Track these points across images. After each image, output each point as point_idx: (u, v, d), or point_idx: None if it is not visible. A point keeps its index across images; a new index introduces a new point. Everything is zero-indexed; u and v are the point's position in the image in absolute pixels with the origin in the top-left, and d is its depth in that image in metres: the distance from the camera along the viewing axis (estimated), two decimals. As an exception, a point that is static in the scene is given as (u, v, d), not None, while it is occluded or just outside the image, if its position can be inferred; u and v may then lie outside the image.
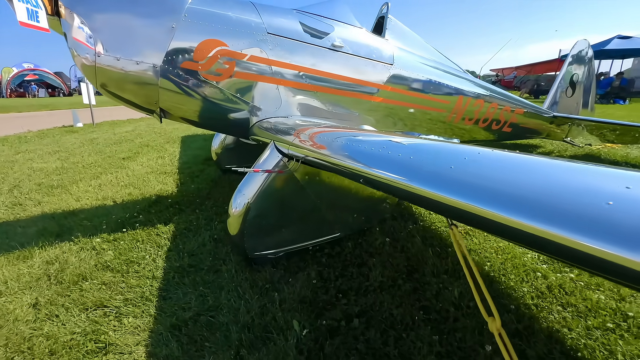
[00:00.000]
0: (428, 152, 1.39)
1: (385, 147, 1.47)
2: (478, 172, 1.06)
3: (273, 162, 2.31)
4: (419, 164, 1.26)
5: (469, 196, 1.00)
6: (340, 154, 1.57)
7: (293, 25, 3.02)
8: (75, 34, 2.44)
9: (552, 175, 0.94)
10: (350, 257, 2.52)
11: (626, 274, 0.64)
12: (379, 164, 1.38)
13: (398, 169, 1.29)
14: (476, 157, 1.17)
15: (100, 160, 5.81)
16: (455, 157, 1.21)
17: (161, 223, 3.15)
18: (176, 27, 2.58)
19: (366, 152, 1.54)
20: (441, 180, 1.12)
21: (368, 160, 1.45)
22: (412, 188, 1.16)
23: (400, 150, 1.43)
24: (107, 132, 9.26)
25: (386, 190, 1.40)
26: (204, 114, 2.95)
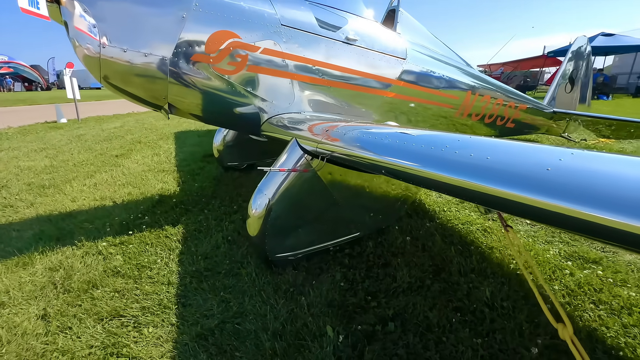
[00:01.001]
0: (474, 146, 1.33)
1: (434, 145, 1.39)
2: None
3: (296, 160, 2.21)
4: (465, 159, 1.21)
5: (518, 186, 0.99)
6: (383, 153, 1.48)
7: (307, 16, 2.90)
8: (77, 23, 2.25)
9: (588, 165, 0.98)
10: (373, 257, 2.45)
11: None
12: (430, 164, 1.30)
13: (447, 167, 1.23)
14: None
15: (91, 158, 5.55)
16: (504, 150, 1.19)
17: (169, 224, 3.00)
18: (187, 17, 2.42)
19: (410, 150, 1.46)
20: (490, 173, 1.09)
21: (417, 159, 1.36)
22: (464, 184, 1.13)
23: (439, 144, 1.37)
24: (95, 128, 8.89)
25: (436, 188, 1.34)
26: (214, 109, 2.81)
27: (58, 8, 2.31)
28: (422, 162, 1.31)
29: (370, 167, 1.65)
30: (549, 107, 5.42)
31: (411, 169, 1.33)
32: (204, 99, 2.71)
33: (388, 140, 1.54)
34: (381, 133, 1.67)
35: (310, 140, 2.07)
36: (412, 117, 3.72)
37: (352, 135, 1.75)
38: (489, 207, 1.24)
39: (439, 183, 1.23)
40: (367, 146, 1.58)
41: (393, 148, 1.48)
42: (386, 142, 1.56)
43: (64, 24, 2.35)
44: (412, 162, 1.34)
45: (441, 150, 1.29)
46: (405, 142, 1.48)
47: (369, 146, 1.57)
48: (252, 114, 2.86)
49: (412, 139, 1.51)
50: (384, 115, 3.48)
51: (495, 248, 2.56)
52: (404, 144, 1.48)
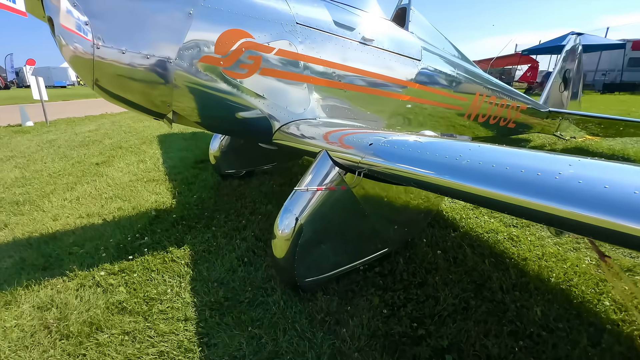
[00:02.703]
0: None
1: (504, 164, 1.22)
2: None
3: (327, 175, 1.99)
4: (516, 174, 1.08)
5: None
6: (438, 172, 1.30)
7: (322, 14, 2.67)
8: (65, 20, 1.91)
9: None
10: (407, 275, 2.28)
11: None
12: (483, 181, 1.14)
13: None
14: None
15: (68, 167, 5.04)
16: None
17: (173, 245, 2.69)
18: (194, 13, 2.13)
19: (481, 171, 1.28)
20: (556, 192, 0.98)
21: (493, 183, 1.18)
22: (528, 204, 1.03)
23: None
24: (67, 132, 8.19)
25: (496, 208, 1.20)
26: (223, 116, 2.53)
27: (40, 1, 1.96)
28: (504, 187, 1.13)
29: (428, 188, 1.47)
30: (545, 106, 5.49)
31: (488, 194, 1.15)
32: (212, 105, 2.43)
33: (446, 158, 1.36)
34: (439, 148, 1.48)
35: (346, 154, 1.85)
36: (424, 121, 3.59)
37: (404, 152, 1.54)
38: (577, 233, 1.09)
39: (523, 209, 1.08)
40: (430, 168, 1.38)
41: (459, 169, 1.29)
42: (445, 161, 1.37)
43: (48, 21, 1.99)
44: (489, 188, 1.16)
45: (521, 172, 1.12)
46: (468, 161, 1.30)
47: (432, 168, 1.37)
48: (264, 121, 2.60)
49: (471, 155, 1.33)
50: (397, 120, 3.32)
51: (529, 259, 2.47)
52: (467, 163, 1.29)
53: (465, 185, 1.17)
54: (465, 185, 1.17)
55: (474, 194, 1.14)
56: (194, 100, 2.34)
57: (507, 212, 1.11)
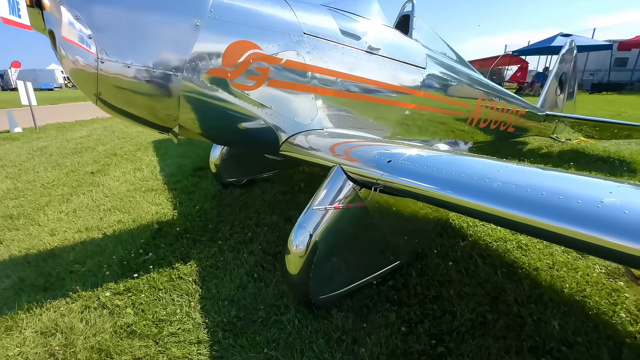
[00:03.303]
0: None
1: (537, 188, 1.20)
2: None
3: (340, 190, 1.95)
4: (554, 201, 1.07)
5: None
6: (484, 199, 1.26)
7: (329, 24, 2.64)
8: (67, 33, 1.83)
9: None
10: (421, 289, 2.25)
11: None
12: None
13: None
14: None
15: (62, 177, 4.90)
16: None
17: (178, 261, 2.62)
18: (201, 25, 2.07)
19: (513, 195, 1.25)
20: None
21: (531, 209, 1.15)
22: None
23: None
24: (58, 138, 8.00)
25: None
26: (229, 129, 2.47)
27: (40, 14, 1.87)
28: (542, 214, 1.10)
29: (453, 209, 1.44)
30: (542, 110, 5.55)
31: (525, 220, 1.13)
32: (219, 118, 2.37)
33: (474, 180, 1.33)
34: (464, 169, 1.45)
35: (364, 170, 1.82)
36: (427, 128, 3.58)
37: (427, 172, 1.50)
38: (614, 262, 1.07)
39: (567, 238, 1.05)
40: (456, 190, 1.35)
41: (489, 193, 1.26)
42: (473, 183, 1.34)
43: (49, 34, 1.91)
44: (526, 214, 1.13)
45: (559, 199, 1.10)
46: (499, 184, 1.27)
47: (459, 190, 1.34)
48: (271, 132, 2.55)
49: (501, 177, 1.30)
50: (402, 127, 3.30)
51: (540, 269, 2.47)
52: (498, 187, 1.26)
53: (499, 210, 1.14)
54: (499, 210, 1.14)
55: (510, 219, 1.12)
56: (200, 113, 2.28)
57: (547, 240, 1.08)
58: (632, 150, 5.76)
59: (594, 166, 4.94)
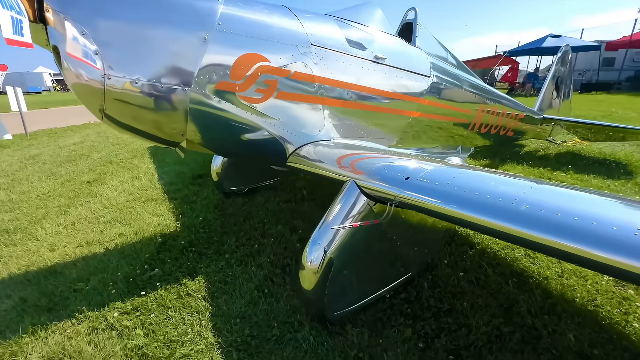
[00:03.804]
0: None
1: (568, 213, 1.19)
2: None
3: (356, 206, 1.92)
4: (588, 227, 1.07)
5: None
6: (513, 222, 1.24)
7: (336, 34, 2.62)
8: (72, 49, 1.78)
9: None
10: (434, 301, 2.24)
11: None
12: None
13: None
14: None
15: (58, 187, 4.78)
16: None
17: (186, 276, 2.56)
18: (209, 38, 2.04)
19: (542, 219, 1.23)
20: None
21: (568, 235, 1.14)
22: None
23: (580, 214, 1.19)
24: (50, 146, 7.82)
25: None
26: (237, 142, 2.43)
27: (44, 29, 1.82)
28: (574, 240, 1.09)
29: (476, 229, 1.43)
30: (540, 113, 5.61)
31: (557, 244, 1.12)
32: (227, 132, 2.33)
33: (500, 201, 1.31)
34: (487, 189, 1.43)
35: (380, 187, 1.80)
36: (431, 135, 3.58)
37: (448, 191, 1.49)
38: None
39: (605, 266, 1.05)
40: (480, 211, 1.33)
41: (518, 216, 1.24)
42: (499, 204, 1.32)
43: (53, 49, 1.85)
44: (558, 239, 1.11)
45: (593, 225, 1.09)
46: (526, 207, 1.25)
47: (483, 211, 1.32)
48: (278, 144, 2.52)
49: (528, 199, 1.28)
50: (407, 135, 3.30)
51: (550, 278, 2.48)
52: (526, 209, 1.24)
53: (530, 235, 1.13)
54: (530, 235, 1.13)
55: (542, 244, 1.11)
56: (208, 127, 2.24)
57: (581, 265, 1.08)
58: (627, 152, 5.86)
59: (592, 169, 5.01)
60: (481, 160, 5.67)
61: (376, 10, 3.12)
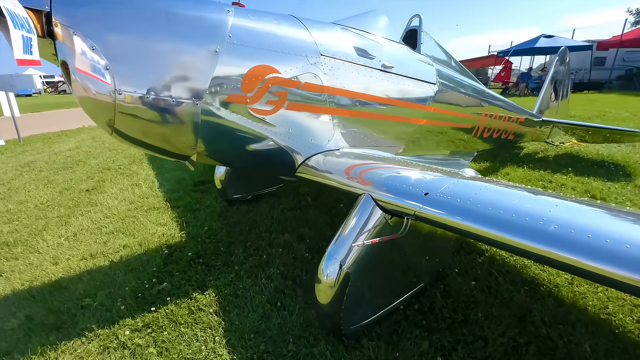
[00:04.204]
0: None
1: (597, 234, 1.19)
2: None
3: (371, 219, 1.91)
4: (621, 250, 1.07)
5: None
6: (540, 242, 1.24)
7: (345, 44, 2.60)
8: (81, 64, 1.74)
9: None
10: (448, 312, 2.24)
11: None
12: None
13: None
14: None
15: (56, 196, 4.70)
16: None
17: (195, 290, 2.53)
18: (220, 51, 2.01)
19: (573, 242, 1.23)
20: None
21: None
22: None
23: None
24: (44, 152, 7.69)
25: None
26: (247, 154, 2.40)
27: (52, 44, 1.77)
28: (610, 263, 1.09)
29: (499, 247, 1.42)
30: (539, 116, 5.66)
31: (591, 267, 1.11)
32: (237, 144, 2.31)
33: (526, 220, 1.31)
34: (512, 206, 1.41)
35: (398, 201, 1.78)
36: (437, 142, 3.59)
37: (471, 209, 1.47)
38: None
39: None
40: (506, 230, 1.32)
41: (546, 236, 1.23)
42: (525, 224, 1.31)
43: (61, 64, 1.81)
44: (592, 262, 1.11)
45: (626, 248, 1.09)
46: (555, 227, 1.23)
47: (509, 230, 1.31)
48: (288, 155, 2.50)
49: (556, 219, 1.27)
50: (413, 142, 3.30)
51: (561, 285, 2.50)
52: (555, 230, 1.22)
53: (560, 255, 1.13)
54: (559, 255, 1.13)
55: (574, 266, 1.10)
56: (219, 140, 2.21)
57: (618, 289, 1.08)
58: (624, 153, 5.94)
59: (591, 171, 5.06)
60: (481, 163, 5.70)
61: (382, 17, 3.11)
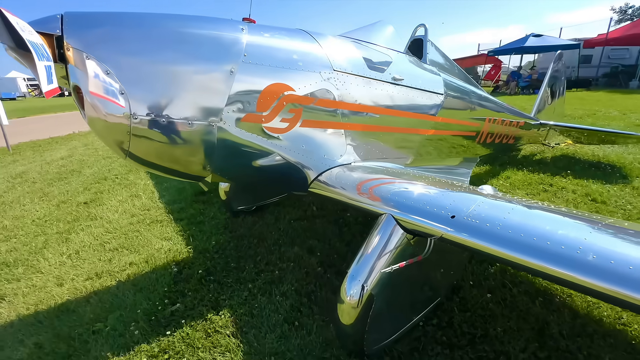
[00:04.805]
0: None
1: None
2: None
3: (393, 239, 1.90)
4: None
5: None
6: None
7: (356, 58, 2.58)
8: (95, 87, 1.68)
9: None
10: (467, 327, 2.25)
11: None
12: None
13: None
14: None
15: (53, 210, 4.57)
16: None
17: (210, 311, 2.48)
18: (235, 71, 1.97)
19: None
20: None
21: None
22: None
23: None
24: (36, 161, 7.49)
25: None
26: (261, 172, 2.37)
27: (64, 68, 1.71)
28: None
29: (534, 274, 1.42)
30: (537, 119, 5.74)
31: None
32: (251, 163, 2.27)
33: (562, 249, 1.30)
34: (545, 234, 1.41)
35: (423, 223, 1.77)
36: (443, 151, 3.60)
37: (502, 234, 1.46)
38: None
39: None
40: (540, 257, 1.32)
41: (586, 266, 1.23)
42: (562, 252, 1.31)
43: (73, 89, 1.75)
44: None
45: None
46: (594, 257, 1.22)
47: (544, 258, 1.31)
48: (301, 172, 2.47)
49: (593, 248, 1.27)
50: (421, 153, 3.30)
51: (574, 295, 2.53)
52: (594, 260, 1.21)
53: (601, 287, 1.13)
54: (600, 287, 1.14)
55: (618, 298, 1.11)
56: (234, 160, 2.17)
57: None
58: (618, 154, 6.07)
59: (589, 173, 5.15)
60: (482, 167, 5.76)
61: (388, 27, 3.10)
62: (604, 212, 3.85)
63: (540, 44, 19.00)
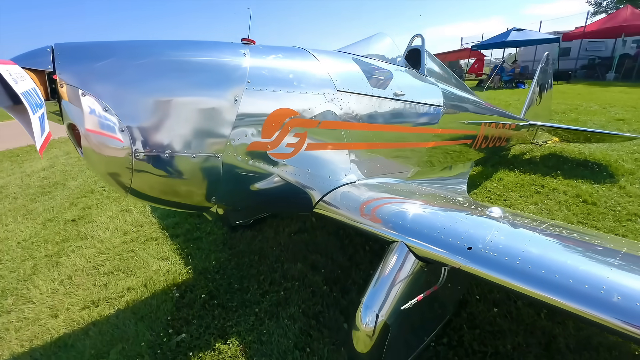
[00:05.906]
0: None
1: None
2: None
3: (405, 267, 1.88)
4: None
5: None
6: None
7: (358, 76, 2.54)
8: (92, 125, 1.58)
9: None
10: (477, 345, 2.27)
11: None
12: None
13: None
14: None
15: (40, 230, 4.37)
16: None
17: (217, 339, 2.42)
18: (239, 99, 1.89)
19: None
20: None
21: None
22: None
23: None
24: (15, 173, 7.14)
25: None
26: (266, 198, 2.30)
27: (57, 104, 1.59)
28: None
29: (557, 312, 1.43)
30: (526, 120, 5.84)
31: None
32: (256, 190, 2.20)
33: (586, 288, 1.31)
34: (567, 271, 1.41)
35: (438, 253, 1.76)
36: (441, 161, 3.61)
37: (522, 269, 1.47)
38: None
39: None
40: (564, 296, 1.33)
41: (610, 307, 1.25)
42: (585, 291, 1.32)
43: (67, 127, 1.64)
44: None
45: None
46: (618, 298, 1.24)
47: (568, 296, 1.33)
48: (306, 195, 2.42)
49: (616, 288, 1.28)
50: (421, 166, 3.29)
51: (576, 306, 2.59)
52: (619, 301, 1.23)
53: (628, 329, 1.15)
54: (626, 329, 1.15)
55: None
56: (240, 189, 2.10)
57: None
58: (603, 151, 6.25)
59: (577, 173, 5.29)
60: (474, 168, 5.83)
61: (386, 39, 3.06)
62: (595, 214, 3.96)
63: (522, 38, 19.37)
